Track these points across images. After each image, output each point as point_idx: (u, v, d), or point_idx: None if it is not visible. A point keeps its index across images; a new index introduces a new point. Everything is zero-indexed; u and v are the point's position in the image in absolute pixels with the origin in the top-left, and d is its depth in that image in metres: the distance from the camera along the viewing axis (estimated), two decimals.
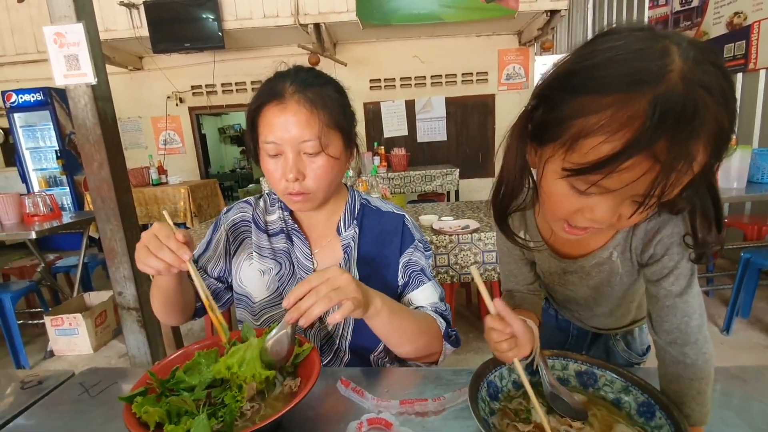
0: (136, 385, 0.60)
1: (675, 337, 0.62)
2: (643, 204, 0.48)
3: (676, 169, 0.44)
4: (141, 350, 1.93)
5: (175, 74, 6.08)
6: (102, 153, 1.76)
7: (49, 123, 5.18)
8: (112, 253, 1.85)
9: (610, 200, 0.50)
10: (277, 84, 0.80)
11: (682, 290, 0.62)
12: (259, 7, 5.01)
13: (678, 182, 0.45)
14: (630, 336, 0.97)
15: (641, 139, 0.43)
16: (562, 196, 0.53)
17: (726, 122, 0.45)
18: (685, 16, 3.94)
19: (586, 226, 0.55)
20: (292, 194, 0.81)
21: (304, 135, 0.77)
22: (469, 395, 0.57)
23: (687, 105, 0.42)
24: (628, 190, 0.47)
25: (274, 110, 0.78)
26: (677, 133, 0.42)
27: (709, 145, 0.45)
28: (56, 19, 1.71)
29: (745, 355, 2.32)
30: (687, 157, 0.44)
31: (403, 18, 4.87)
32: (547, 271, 0.81)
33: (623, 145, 0.43)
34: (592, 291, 0.79)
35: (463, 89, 6.17)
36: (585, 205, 0.52)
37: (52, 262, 3.38)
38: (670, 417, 0.55)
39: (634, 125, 0.43)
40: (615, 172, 0.45)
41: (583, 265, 0.74)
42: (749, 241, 2.90)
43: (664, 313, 0.63)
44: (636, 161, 0.43)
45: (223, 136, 10.47)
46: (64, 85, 1.76)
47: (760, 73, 3.22)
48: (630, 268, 0.71)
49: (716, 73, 0.44)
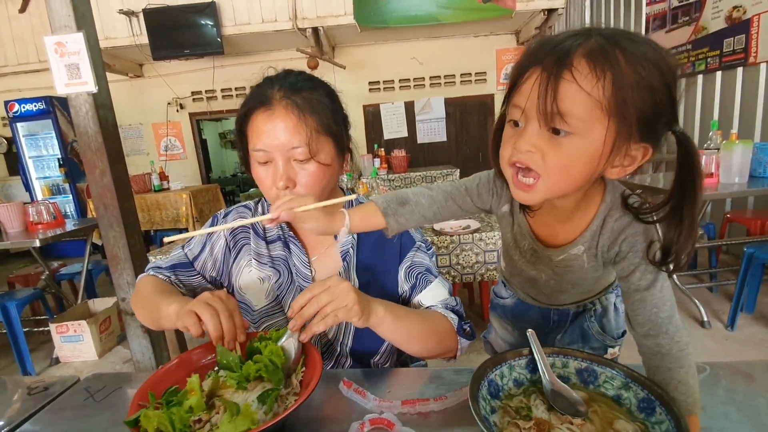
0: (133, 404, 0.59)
1: (648, 329, 0.65)
2: (549, 124, 0.55)
3: (558, 75, 0.52)
4: (145, 355, 1.94)
5: (175, 80, 6.12)
6: (104, 160, 1.77)
7: (52, 132, 5.22)
8: (115, 259, 1.86)
9: (528, 126, 0.58)
10: (265, 89, 0.79)
11: (649, 284, 0.64)
12: (258, 12, 5.04)
13: (565, 94, 0.53)
14: (605, 319, 0.98)
15: (535, 55, 0.56)
16: (504, 137, 0.64)
17: (627, 65, 0.52)
18: (683, 12, 3.93)
19: (522, 160, 0.60)
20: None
21: (293, 141, 0.76)
22: (469, 394, 0.57)
23: (575, 36, 0.54)
24: (532, 105, 0.56)
25: (262, 117, 0.77)
26: (562, 51, 0.53)
27: (599, 68, 0.52)
28: (57, 29, 1.73)
29: (750, 350, 2.31)
30: (567, 65, 0.52)
31: (400, 20, 4.89)
32: (520, 246, 0.83)
33: (522, 64, 0.57)
34: (556, 278, 0.82)
35: (462, 90, 6.19)
36: (514, 136, 0.61)
37: (56, 270, 3.40)
38: (670, 412, 0.55)
39: (533, 50, 0.57)
40: (519, 86, 0.58)
41: (551, 256, 0.77)
42: (753, 236, 2.88)
43: (636, 306, 0.66)
44: (530, 73, 0.56)
45: (224, 141, 10.51)
46: (66, 94, 1.78)
47: (760, 66, 3.21)
48: (595, 264, 0.74)
49: (625, 34, 0.55)
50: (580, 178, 0.60)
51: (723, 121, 3.56)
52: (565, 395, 0.61)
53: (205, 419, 0.58)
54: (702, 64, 3.76)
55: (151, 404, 0.59)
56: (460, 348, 0.85)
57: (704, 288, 3.05)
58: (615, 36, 0.54)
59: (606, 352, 1.01)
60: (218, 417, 0.58)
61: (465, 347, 0.86)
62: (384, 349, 0.93)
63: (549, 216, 0.75)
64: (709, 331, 2.53)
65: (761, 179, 2.46)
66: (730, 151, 2.37)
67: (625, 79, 0.52)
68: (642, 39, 0.55)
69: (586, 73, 0.52)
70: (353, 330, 0.89)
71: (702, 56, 3.76)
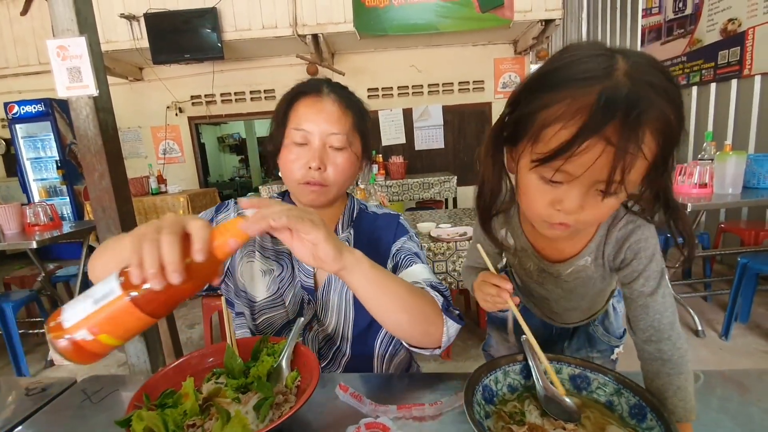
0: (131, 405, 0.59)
1: (650, 335, 0.66)
2: (607, 192, 0.53)
3: (628, 152, 0.49)
4: (140, 359, 1.93)
5: (174, 84, 6.14)
6: (103, 163, 1.78)
7: (50, 133, 5.21)
8: None
9: (575, 189, 0.55)
10: (312, 83, 0.86)
11: (652, 290, 0.66)
12: (258, 18, 5.08)
13: (632, 167, 0.50)
14: (607, 321, 1.01)
15: (592, 122, 0.49)
16: (534, 189, 0.59)
17: (671, 115, 0.51)
18: (678, 24, 3.99)
19: (563, 222, 0.58)
20: (310, 183, 0.83)
21: (334, 128, 0.82)
22: (464, 399, 0.58)
23: (630, 94, 0.49)
24: (589, 175, 0.52)
25: (310, 101, 0.83)
26: (624, 118, 0.48)
27: (656, 134, 0.50)
28: (59, 32, 1.74)
29: (744, 360, 2.32)
30: (635, 140, 0.49)
31: (399, 28, 4.93)
32: (525, 268, 0.84)
33: (578, 129, 0.49)
34: (565, 293, 0.84)
35: (460, 98, 6.23)
36: (555, 196, 0.57)
37: (52, 272, 3.38)
38: (660, 418, 0.56)
39: (586, 112, 0.49)
40: (574, 155, 0.50)
41: (559, 270, 0.78)
42: (746, 246, 2.91)
43: (638, 312, 0.67)
44: (590, 144, 0.49)
45: (222, 145, 10.53)
46: (67, 97, 1.79)
47: (755, 78, 3.26)
48: (603, 272, 0.75)
49: (658, 73, 0.51)
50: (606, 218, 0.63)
51: (717, 132, 3.60)
52: (558, 401, 0.62)
53: (199, 424, 0.59)
54: (697, 76, 3.82)
55: (146, 406, 0.59)
56: (446, 332, 0.73)
57: (699, 297, 3.08)
58: (654, 78, 0.50)
59: (612, 352, 1.04)
60: (211, 423, 0.58)
61: (453, 332, 0.75)
62: (384, 346, 0.94)
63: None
64: (704, 340, 2.54)
65: (755, 190, 2.49)
66: (723, 162, 2.40)
67: (674, 133, 0.52)
68: (665, 72, 0.52)
69: (651, 144, 0.51)
70: (352, 326, 0.90)
71: (697, 68, 3.81)
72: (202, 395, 0.62)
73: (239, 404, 0.60)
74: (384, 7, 4.88)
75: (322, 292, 0.91)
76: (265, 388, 0.61)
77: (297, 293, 0.90)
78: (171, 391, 0.62)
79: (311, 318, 0.91)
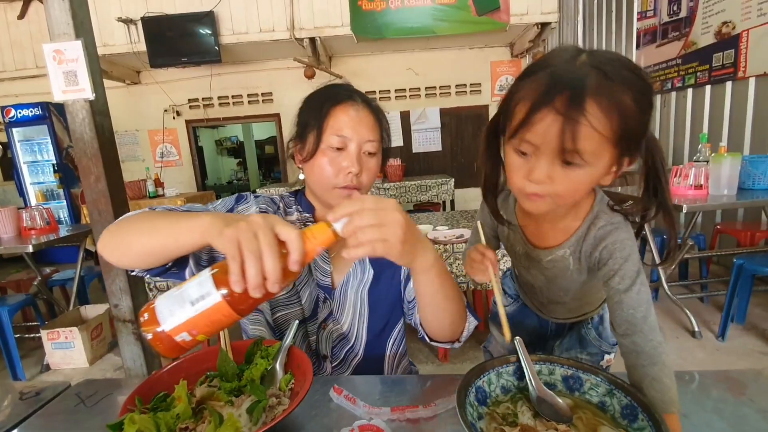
0: (123, 408, 0.59)
1: (625, 329, 0.70)
2: (566, 161, 0.61)
3: (572, 118, 0.57)
4: (137, 363, 1.93)
5: (172, 88, 6.14)
6: (99, 167, 1.78)
7: (47, 137, 5.21)
8: (108, 265, 1.86)
9: (541, 159, 0.63)
10: (344, 90, 0.89)
11: (627, 287, 0.70)
12: (256, 22, 5.09)
13: (579, 134, 0.58)
14: (601, 327, 1.02)
15: (544, 96, 0.59)
16: (512, 164, 0.68)
17: (625, 97, 0.59)
18: (673, 27, 4.01)
19: (535, 192, 0.66)
20: (348, 187, 0.85)
21: (370, 135, 0.86)
22: (456, 401, 0.58)
23: (580, 73, 0.59)
24: (548, 143, 0.61)
25: (350, 109, 0.86)
26: (571, 90, 0.58)
27: (606, 110, 0.58)
28: (55, 36, 1.74)
29: (741, 361, 2.33)
30: (580, 110, 0.57)
31: (396, 32, 4.95)
32: (515, 251, 0.91)
33: (533, 103, 0.60)
34: (547, 281, 0.89)
35: (457, 100, 6.25)
36: (527, 169, 0.66)
37: (48, 276, 3.37)
38: (651, 419, 0.56)
39: (540, 90, 0.60)
40: (532, 125, 0.60)
41: (540, 257, 0.84)
42: (742, 247, 2.92)
43: (615, 308, 0.72)
44: (543, 114, 0.59)
45: (220, 148, 10.52)
46: (63, 101, 1.79)
47: (749, 81, 3.27)
48: (579, 267, 0.81)
49: (619, 65, 0.60)
50: (585, 193, 0.71)
51: (712, 134, 3.62)
52: (550, 402, 0.63)
53: (192, 427, 0.59)
54: (692, 78, 3.84)
55: (138, 409, 0.59)
56: (467, 327, 0.83)
57: (695, 298, 3.08)
58: (610, 66, 0.59)
59: (603, 358, 1.04)
60: (204, 426, 0.58)
61: (471, 329, 0.84)
62: (397, 347, 0.97)
63: (541, 219, 0.82)
64: (700, 341, 2.55)
65: (750, 191, 2.50)
66: (719, 164, 2.41)
67: (628, 114, 0.59)
68: (630, 65, 0.61)
69: (598, 116, 0.58)
70: (367, 325, 0.93)
71: (692, 70, 3.83)
72: (195, 398, 0.62)
73: (232, 407, 0.61)
74: (381, 10, 4.90)
75: (340, 291, 0.92)
76: (258, 390, 0.61)
77: (313, 291, 0.91)
78: (164, 395, 0.62)
79: (326, 316, 0.92)
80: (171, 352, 0.49)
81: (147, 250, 0.65)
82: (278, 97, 6.28)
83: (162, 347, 0.48)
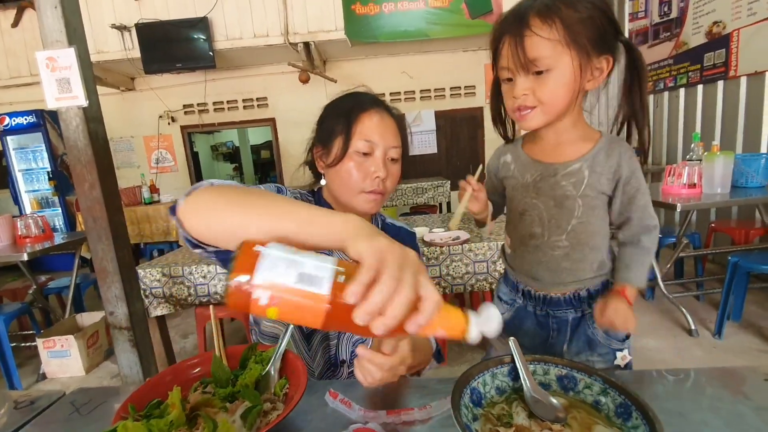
0: (117, 416, 0.59)
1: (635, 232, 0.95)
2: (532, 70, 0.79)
3: (519, 34, 0.77)
4: (133, 370, 1.92)
5: (166, 94, 6.14)
6: (93, 174, 1.78)
7: (42, 145, 5.20)
8: (103, 272, 1.85)
9: (518, 78, 0.82)
10: (368, 98, 0.93)
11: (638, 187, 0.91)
12: (249, 27, 5.10)
13: (529, 44, 0.77)
14: None
15: (501, 27, 0.82)
16: (505, 92, 0.89)
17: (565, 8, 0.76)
18: (664, 28, 4.05)
19: (522, 105, 0.84)
20: (374, 192, 0.88)
21: (394, 141, 0.91)
22: (451, 402, 0.58)
23: (525, 3, 0.79)
24: (514, 61, 0.79)
25: (376, 116, 0.90)
26: (518, 16, 0.79)
27: (546, 17, 0.76)
28: (48, 44, 1.74)
29: (738, 359, 2.34)
30: (524, 25, 0.77)
31: (390, 35, 4.97)
32: (525, 183, 0.99)
33: (494, 36, 0.84)
34: (555, 205, 0.96)
35: (451, 103, 6.28)
36: (512, 91, 0.84)
37: (44, 284, 3.36)
38: (645, 417, 0.57)
39: (500, 24, 0.83)
40: (500, 52, 0.83)
41: (557, 171, 0.94)
42: (737, 245, 2.94)
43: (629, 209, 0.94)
44: (503, 41, 0.81)
45: (216, 154, 10.51)
46: (56, 108, 1.79)
47: (741, 80, 3.30)
48: (592, 182, 0.91)
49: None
50: (568, 97, 0.83)
51: (705, 133, 3.65)
52: (545, 402, 0.63)
53: None
54: (684, 78, 3.87)
55: (131, 416, 0.58)
56: (429, 367, 0.93)
57: (691, 297, 3.10)
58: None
59: (615, 356, 1.02)
60: None
61: (432, 367, 0.96)
62: None
63: (554, 144, 0.95)
64: (697, 339, 2.56)
65: (743, 189, 2.52)
66: (712, 163, 2.43)
67: (569, 19, 0.75)
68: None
69: (540, 25, 0.76)
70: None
71: (683, 70, 3.87)
72: (189, 405, 0.62)
73: (226, 413, 0.60)
74: (374, 14, 4.92)
75: None
76: (252, 396, 0.61)
77: None
78: (158, 402, 0.62)
79: None
80: (237, 304, 0.42)
81: (261, 231, 0.51)
82: (273, 102, 6.28)
83: (235, 297, 0.42)
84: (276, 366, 0.69)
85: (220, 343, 0.72)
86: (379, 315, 0.41)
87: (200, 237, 0.58)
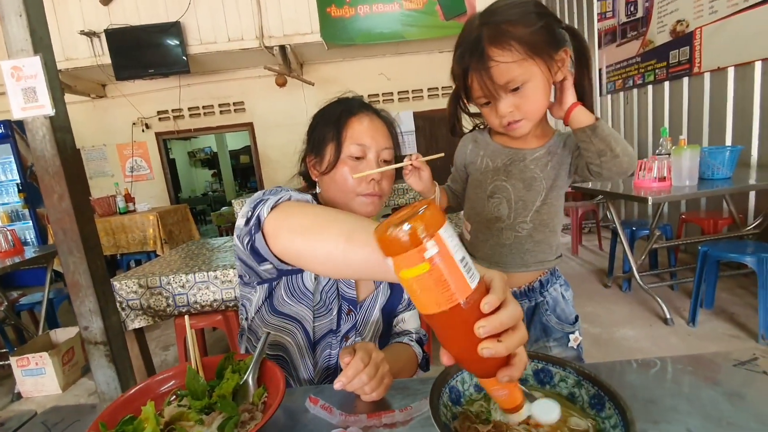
0: None
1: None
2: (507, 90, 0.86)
3: (488, 67, 0.82)
4: (111, 386, 1.86)
5: (140, 100, 6.01)
6: (62, 184, 1.72)
7: (10, 156, 5.02)
8: (76, 286, 1.79)
9: (499, 101, 0.88)
10: (356, 102, 0.94)
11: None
12: (224, 31, 5.04)
13: (495, 72, 0.83)
14: (558, 309, 1.10)
15: (464, 65, 0.88)
16: (486, 114, 0.96)
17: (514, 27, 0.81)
18: (631, 27, 4.17)
19: (511, 120, 0.91)
20: (371, 194, 0.88)
21: (386, 143, 0.91)
22: (429, 402, 0.59)
23: (473, 35, 0.84)
24: (490, 91, 0.85)
25: (365, 119, 0.90)
26: (474, 52, 0.84)
27: (503, 44, 0.81)
28: (13, 53, 1.68)
29: (712, 345, 2.41)
30: (485, 59, 0.82)
31: (366, 38, 4.98)
32: (496, 167, 1.07)
33: (461, 73, 0.90)
34: (525, 187, 1.04)
35: (429, 103, 6.32)
36: (495, 112, 0.91)
37: (15, 300, 3.24)
38: (618, 407, 0.58)
39: (460, 63, 0.89)
40: (472, 88, 0.89)
41: (525, 155, 1.04)
42: (706, 235, 3.05)
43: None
44: (470, 78, 0.88)
45: (194, 160, 10.34)
46: (23, 118, 1.73)
47: (704, 76, 3.42)
48: (555, 161, 1.02)
49: (503, 6, 0.84)
50: (547, 98, 0.90)
51: (672, 128, 3.77)
52: None
53: None
54: (651, 75, 3.99)
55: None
56: (415, 375, 0.97)
57: (666, 287, 3.19)
58: (494, 16, 0.83)
59: (568, 339, 1.10)
60: None
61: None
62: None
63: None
64: (673, 328, 2.64)
65: (710, 181, 2.62)
66: (680, 156, 2.51)
67: (522, 36, 0.80)
68: (508, 3, 0.84)
69: (499, 53, 0.81)
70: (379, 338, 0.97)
71: (651, 68, 3.99)
72: (163, 419, 0.60)
73: (203, 426, 0.59)
74: (350, 17, 4.92)
75: (369, 303, 0.94)
76: (229, 407, 0.61)
77: (337, 303, 0.91)
78: (131, 417, 0.60)
79: (349, 329, 0.92)
80: (395, 244, 0.40)
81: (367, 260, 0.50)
82: (250, 106, 6.21)
83: (400, 239, 0.39)
84: (254, 375, 0.68)
85: (196, 354, 0.71)
86: (495, 337, 0.41)
87: (288, 258, 0.66)
